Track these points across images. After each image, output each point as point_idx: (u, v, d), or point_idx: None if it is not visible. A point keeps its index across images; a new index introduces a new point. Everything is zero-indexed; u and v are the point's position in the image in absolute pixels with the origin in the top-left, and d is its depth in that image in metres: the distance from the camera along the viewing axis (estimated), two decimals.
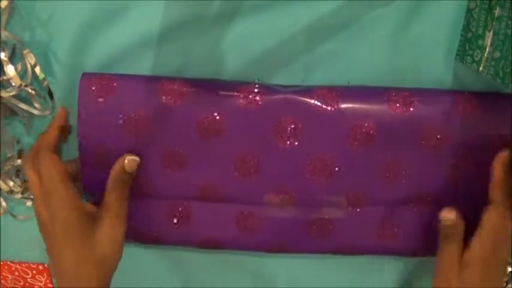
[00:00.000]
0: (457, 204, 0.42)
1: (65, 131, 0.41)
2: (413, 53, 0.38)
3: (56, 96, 0.41)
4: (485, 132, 0.39)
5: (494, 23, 0.33)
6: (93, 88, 0.38)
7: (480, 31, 0.34)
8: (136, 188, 0.41)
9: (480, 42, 0.34)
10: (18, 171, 0.45)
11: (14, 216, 0.46)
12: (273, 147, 0.40)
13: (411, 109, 0.39)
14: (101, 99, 0.39)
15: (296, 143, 0.40)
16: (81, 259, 0.37)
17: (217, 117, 0.39)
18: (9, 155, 0.43)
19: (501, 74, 0.34)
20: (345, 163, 0.40)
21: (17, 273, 0.52)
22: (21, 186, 0.44)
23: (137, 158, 0.39)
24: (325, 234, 0.43)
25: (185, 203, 0.43)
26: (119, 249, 0.39)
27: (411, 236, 0.43)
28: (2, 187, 0.44)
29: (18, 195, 0.44)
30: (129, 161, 0.38)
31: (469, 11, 0.36)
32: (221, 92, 0.39)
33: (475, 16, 0.35)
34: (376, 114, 0.39)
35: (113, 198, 0.38)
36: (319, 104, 0.39)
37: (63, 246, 0.37)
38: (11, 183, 0.43)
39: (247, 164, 0.40)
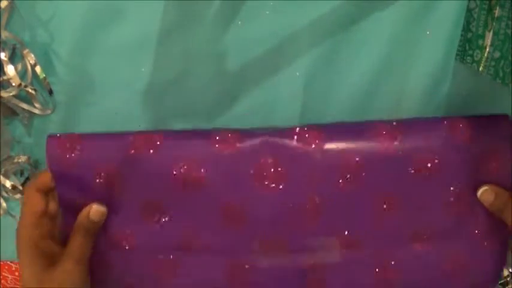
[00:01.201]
0: (458, 238, 0.40)
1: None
2: (413, 53, 0.38)
3: (56, 96, 0.41)
4: (479, 157, 0.37)
5: (494, 23, 0.33)
6: (61, 149, 0.38)
7: (480, 31, 0.34)
8: (118, 241, 0.40)
9: (480, 42, 0.34)
10: (19, 171, 0.45)
11: (13, 216, 0.46)
12: (256, 192, 0.38)
13: (396, 143, 0.37)
14: (70, 160, 0.38)
15: (280, 187, 0.38)
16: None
17: (195, 167, 0.38)
18: (8, 155, 0.43)
19: (501, 74, 0.34)
20: (333, 203, 0.38)
21: (17, 273, 0.52)
22: (21, 187, 0.44)
23: (104, 209, 0.39)
24: (321, 283, 0.41)
25: (170, 255, 0.41)
26: None
27: (410, 276, 0.41)
28: (2, 187, 0.44)
29: (18, 195, 0.44)
30: (95, 210, 0.38)
31: (469, 11, 0.36)
32: (195, 141, 0.38)
33: (475, 16, 0.35)
34: (361, 151, 0.37)
35: (76, 243, 0.38)
36: (299, 145, 0.37)
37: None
38: (11, 183, 0.43)
39: (232, 212, 0.39)
